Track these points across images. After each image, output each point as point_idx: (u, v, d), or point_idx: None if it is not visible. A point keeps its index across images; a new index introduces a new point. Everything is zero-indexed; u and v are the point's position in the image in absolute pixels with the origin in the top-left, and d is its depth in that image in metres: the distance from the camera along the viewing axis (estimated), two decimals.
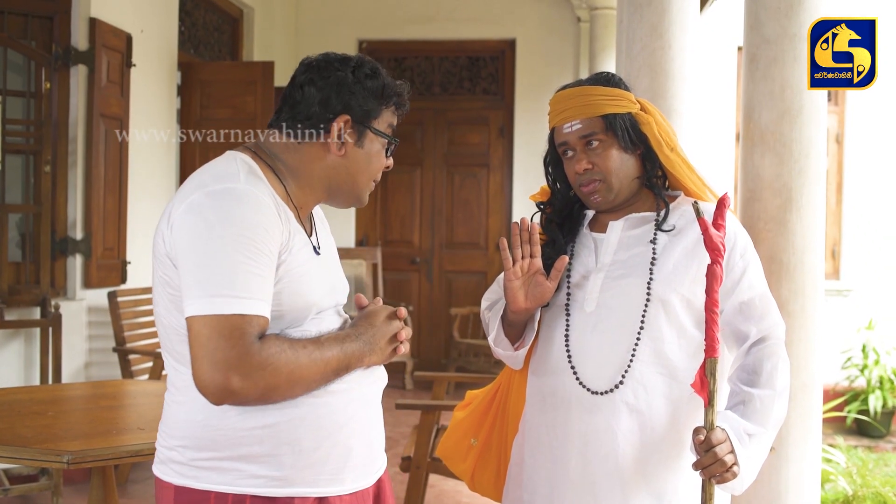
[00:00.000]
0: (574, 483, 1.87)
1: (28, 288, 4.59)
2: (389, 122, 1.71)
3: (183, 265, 1.48)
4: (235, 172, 1.55)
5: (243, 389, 1.44)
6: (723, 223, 1.78)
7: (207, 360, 1.43)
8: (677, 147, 1.95)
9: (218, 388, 1.44)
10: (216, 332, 1.43)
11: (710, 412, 1.74)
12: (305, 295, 1.58)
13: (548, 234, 2.00)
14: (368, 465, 1.67)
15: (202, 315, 1.44)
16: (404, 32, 7.77)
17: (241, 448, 1.53)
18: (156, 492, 1.63)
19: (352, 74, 1.65)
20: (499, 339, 1.98)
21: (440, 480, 4.52)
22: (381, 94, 1.67)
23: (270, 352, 1.46)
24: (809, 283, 2.56)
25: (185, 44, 6.11)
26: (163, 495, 1.59)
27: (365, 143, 1.67)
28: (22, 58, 4.69)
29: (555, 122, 1.95)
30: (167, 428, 1.60)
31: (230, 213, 1.47)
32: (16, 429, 2.51)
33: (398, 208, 8.02)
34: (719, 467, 1.71)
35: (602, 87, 1.92)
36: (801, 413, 2.56)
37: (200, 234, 1.47)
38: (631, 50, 3.21)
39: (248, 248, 1.46)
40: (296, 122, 1.64)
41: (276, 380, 1.47)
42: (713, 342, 1.73)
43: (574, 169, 1.92)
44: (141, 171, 5.29)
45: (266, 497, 1.53)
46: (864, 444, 6.05)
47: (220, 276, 1.45)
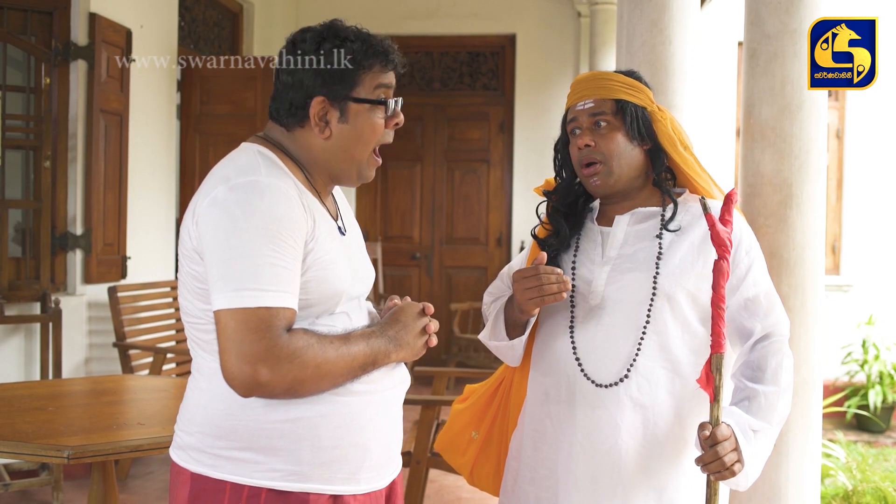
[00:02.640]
0: (577, 477, 1.87)
1: (28, 283, 4.59)
2: (377, 83, 1.62)
3: (209, 259, 1.49)
4: (257, 165, 1.54)
5: (271, 382, 1.44)
6: (730, 219, 1.79)
7: (235, 352, 1.44)
8: (690, 147, 1.96)
9: (246, 380, 1.44)
10: (243, 325, 1.43)
11: (715, 408, 1.74)
12: (333, 282, 1.58)
13: (552, 224, 2.00)
14: (384, 466, 1.67)
15: (229, 308, 1.44)
16: (404, 28, 7.75)
17: (260, 440, 1.53)
18: (171, 476, 1.63)
19: (315, 53, 1.59)
20: (497, 334, 1.98)
21: (440, 475, 4.53)
22: (354, 62, 1.60)
23: (298, 345, 1.46)
24: (810, 279, 2.56)
25: (184, 39, 6.10)
26: (178, 481, 1.59)
27: (350, 117, 1.61)
28: (21, 53, 4.69)
29: (570, 102, 1.98)
30: (188, 413, 1.60)
31: (254, 206, 1.47)
32: (16, 424, 2.51)
33: (398, 204, 8.02)
34: (719, 466, 1.71)
35: (622, 76, 1.95)
36: (802, 408, 2.56)
37: (225, 228, 1.47)
38: (631, 45, 3.20)
39: (273, 240, 1.46)
40: (280, 112, 1.64)
41: (303, 373, 1.47)
42: (719, 338, 1.73)
43: (577, 144, 1.93)
44: (141, 167, 5.29)
45: (281, 491, 1.53)
46: (863, 440, 6.06)
47: (246, 269, 1.45)
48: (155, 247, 5.46)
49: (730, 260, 1.81)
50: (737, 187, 2.75)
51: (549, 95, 7.68)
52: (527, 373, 2.01)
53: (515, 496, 1.98)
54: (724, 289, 1.74)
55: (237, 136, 2.02)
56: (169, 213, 5.68)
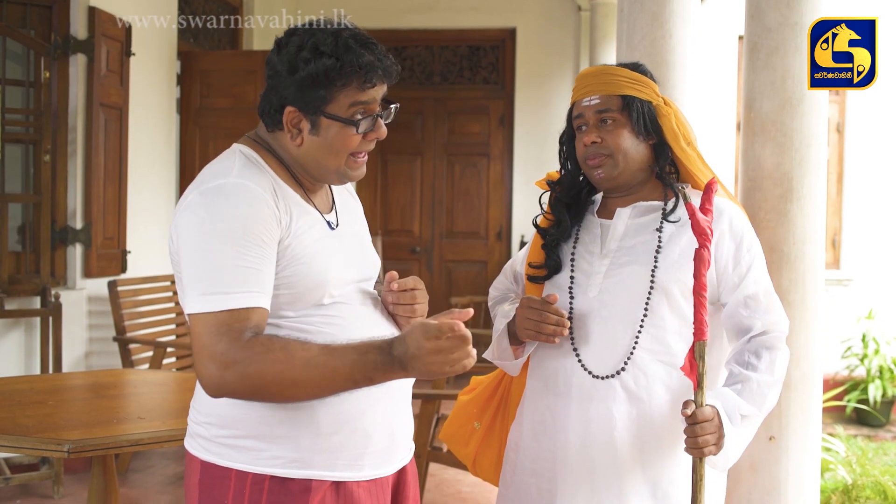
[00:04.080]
0: (573, 468, 1.88)
1: (28, 277, 4.59)
2: (353, 100, 1.57)
3: (182, 263, 1.53)
4: (230, 167, 1.57)
5: (231, 384, 1.47)
6: (710, 208, 1.80)
7: (201, 355, 1.48)
8: (694, 142, 1.97)
9: (213, 381, 1.47)
10: (207, 329, 1.47)
11: (699, 394, 1.76)
12: (318, 273, 1.59)
13: (555, 214, 2.02)
14: (389, 453, 1.67)
15: (196, 313, 1.49)
16: (404, 21, 7.74)
17: (261, 428, 1.56)
18: (186, 464, 1.68)
19: (288, 64, 1.56)
20: (502, 354, 2.00)
21: (440, 469, 4.53)
22: (327, 79, 1.55)
23: (255, 350, 1.46)
24: (810, 273, 2.56)
25: (184, 33, 6.09)
26: (191, 468, 1.65)
27: (321, 130, 1.59)
28: (21, 47, 4.68)
29: (576, 97, 1.98)
30: (197, 404, 1.66)
31: (219, 208, 1.50)
32: (16, 418, 2.51)
33: (398, 198, 8.02)
34: (692, 444, 1.74)
35: (628, 70, 1.95)
36: (801, 402, 2.57)
37: (193, 231, 1.51)
38: (632, 39, 3.20)
39: (238, 241, 1.49)
40: (263, 113, 1.65)
41: (262, 378, 1.46)
42: (702, 325, 1.75)
43: (583, 141, 1.94)
44: (141, 161, 5.28)
45: (284, 478, 1.56)
46: (863, 434, 6.06)
47: (212, 273, 1.48)
48: (155, 241, 5.46)
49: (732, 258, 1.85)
50: (737, 181, 2.75)
51: (550, 89, 7.67)
52: (527, 365, 2.02)
53: (515, 487, 1.99)
54: (705, 277, 1.76)
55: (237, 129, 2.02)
56: (169, 208, 5.68)
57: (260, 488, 1.56)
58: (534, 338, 1.89)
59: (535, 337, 1.88)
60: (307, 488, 1.57)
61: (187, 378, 3.11)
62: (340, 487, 1.60)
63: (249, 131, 1.71)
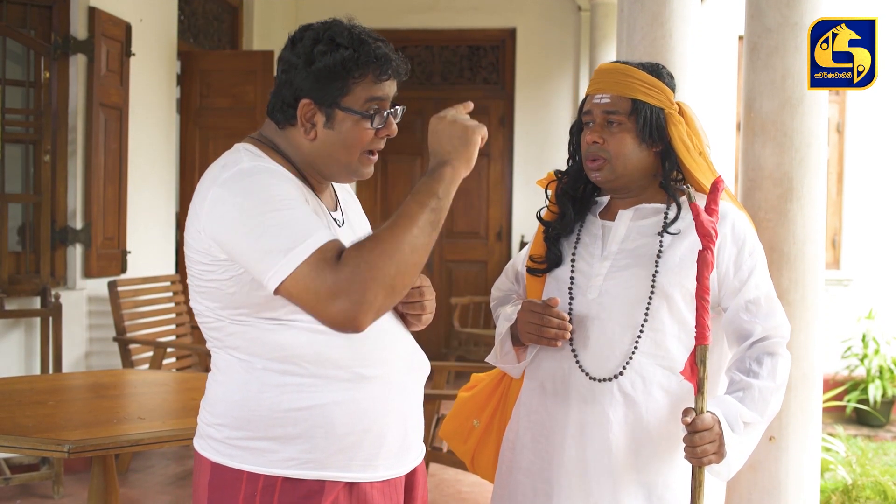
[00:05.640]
0: (568, 469, 1.88)
1: (28, 277, 4.59)
2: (369, 95, 1.60)
3: (240, 253, 1.50)
4: (239, 158, 1.57)
5: (366, 300, 1.41)
6: (715, 208, 1.78)
7: (320, 304, 1.43)
8: (706, 151, 1.95)
9: (345, 317, 1.42)
10: (307, 280, 1.42)
11: (699, 399, 1.75)
12: None
13: (560, 205, 2.00)
14: (402, 454, 1.67)
15: (288, 276, 1.44)
16: (404, 21, 7.74)
17: (275, 429, 1.55)
18: (194, 464, 1.67)
19: (304, 56, 1.58)
20: (505, 358, 1.99)
21: (440, 469, 4.53)
22: (344, 70, 1.57)
23: (352, 258, 1.43)
24: (810, 273, 2.56)
25: (184, 33, 6.09)
26: (200, 469, 1.64)
27: (335, 123, 1.60)
28: (21, 47, 4.68)
29: (589, 91, 1.97)
30: (208, 405, 1.65)
31: (248, 186, 1.50)
32: (16, 418, 2.51)
33: (399, 198, 8.01)
34: (691, 453, 1.73)
35: (645, 73, 1.92)
36: (801, 402, 2.56)
37: (235, 217, 1.49)
38: (632, 39, 3.19)
39: (281, 202, 1.48)
40: (274, 109, 1.64)
41: (379, 270, 1.42)
42: (704, 329, 1.74)
43: (586, 139, 1.93)
44: (141, 161, 5.28)
45: (297, 479, 1.56)
46: (863, 434, 6.06)
47: (275, 236, 1.45)
48: (155, 241, 5.46)
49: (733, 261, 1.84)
50: (737, 181, 2.75)
51: (550, 89, 7.67)
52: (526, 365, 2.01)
53: (510, 487, 1.99)
54: (708, 280, 1.75)
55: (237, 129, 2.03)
56: (169, 208, 5.68)
57: (272, 490, 1.55)
58: (535, 342, 1.88)
59: (536, 341, 1.88)
60: (320, 489, 1.56)
61: (187, 378, 3.11)
62: (354, 488, 1.59)
63: (249, 132, 1.70)
